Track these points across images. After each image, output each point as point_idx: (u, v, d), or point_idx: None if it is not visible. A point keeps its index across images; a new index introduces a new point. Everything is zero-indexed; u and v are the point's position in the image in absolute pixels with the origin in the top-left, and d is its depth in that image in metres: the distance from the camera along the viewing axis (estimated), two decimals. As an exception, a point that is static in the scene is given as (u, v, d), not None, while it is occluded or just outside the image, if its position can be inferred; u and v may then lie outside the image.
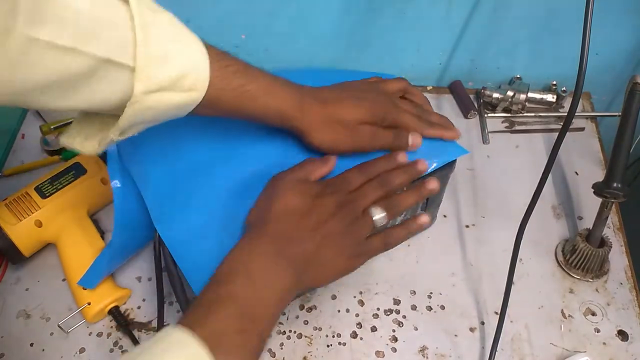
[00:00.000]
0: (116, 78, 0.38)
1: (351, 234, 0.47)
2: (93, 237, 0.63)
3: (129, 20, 0.37)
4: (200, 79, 0.41)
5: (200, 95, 0.42)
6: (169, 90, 0.40)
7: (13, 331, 0.60)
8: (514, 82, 0.81)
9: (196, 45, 0.42)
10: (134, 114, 0.39)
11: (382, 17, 0.74)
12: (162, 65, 0.39)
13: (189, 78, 0.40)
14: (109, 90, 0.38)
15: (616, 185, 0.59)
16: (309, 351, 0.60)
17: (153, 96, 0.39)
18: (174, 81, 0.39)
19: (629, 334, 0.61)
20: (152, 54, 0.38)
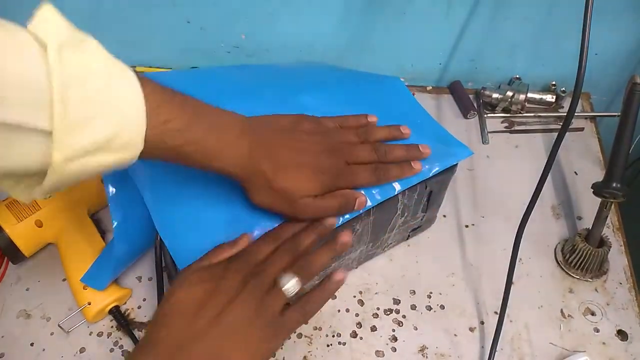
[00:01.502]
0: (30, 144, 0.32)
1: (262, 313, 0.42)
2: (93, 237, 0.63)
3: (44, 76, 0.31)
4: (134, 139, 0.36)
5: (134, 155, 0.37)
6: (96, 154, 0.34)
7: (13, 331, 0.60)
8: (513, 82, 0.81)
9: (131, 95, 0.36)
10: (58, 179, 0.34)
11: (382, 17, 0.74)
12: (86, 129, 0.33)
13: (120, 139, 0.35)
14: (23, 157, 0.33)
15: (615, 185, 0.60)
16: (309, 351, 0.60)
17: (77, 162, 0.34)
18: (101, 145, 0.34)
19: (629, 334, 0.61)
20: (73, 117, 0.32)
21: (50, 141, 0.32)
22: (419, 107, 0.62)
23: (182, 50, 0.79)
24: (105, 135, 0.34)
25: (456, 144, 0.58)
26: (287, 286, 0.43)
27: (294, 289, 0.44)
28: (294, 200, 0.47)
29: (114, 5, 0.72)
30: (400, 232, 0.63)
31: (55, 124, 0.32)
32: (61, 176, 0.34)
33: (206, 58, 0.80)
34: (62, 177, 0.34)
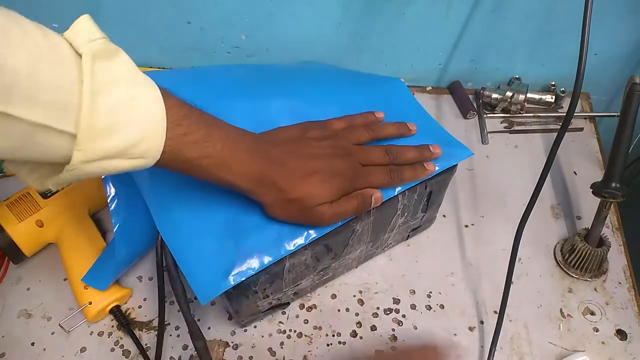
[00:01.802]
0: (53, 142, 0.34)
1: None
2: (94, 237, 0.63)
3: (76, 82, 0.33)
4: (152, 149, 0.38)
5: (150, 163, 0.39)
6: (114, 158, 0.36)
7: (14, 331, 0.60)
8: (513, 83, 0.81)
9: (153, 108, 0.37)
10: (73, 177, 0.36)
11: (382, 17, 0.74)
12: (108, 137, 0.35)
13: (139, 148, 0.37)
14: (44, 152, 0.34)
15: (615, 185, 0.60)
16: (309, 350, 0.60)
17: (94, 164, 0.35)
18: (120, 151, 0.36)
19: (628, 334, 0.61)
20: (98, 125, 0.34)
21: (73, 142, 0.34)
22: (419, 108, 0.62)
23: (182, 50, 0.79)
24: (126, 144, 0.36)
25: (456, 145, 0.58)
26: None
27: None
28: (309, 209, 0.48)
29: (114, 5, 0.72)
30: (400, 232, 0.64)
31: (80, 129, 0.33)
32: (77, 175, 0.36)
33: (206, 58, 0.80)
34: (78, 176, 0.36)
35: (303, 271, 0.56)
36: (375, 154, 0.53)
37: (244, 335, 0.61)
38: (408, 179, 0.54)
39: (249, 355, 0.59)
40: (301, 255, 0.53)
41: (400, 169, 0.53)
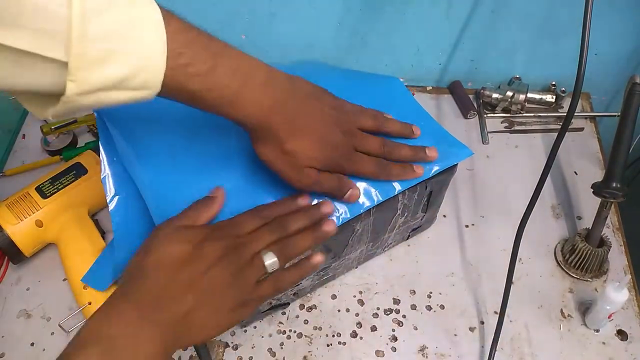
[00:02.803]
0: (45, 70, 0.32)
1: (237, 282, 0.42)
2: (94, 237, 0.63)
3: (64, 6, 0.30)
4: (151, 80, 0.35)
5: (151, 94, 0.36)
6: (111, 90, 0.34)
7: (14, 331, 0.60)
8: (513, 83, 0.81)
9: (153, 35, 0.34)
10: (71, 109, 0.34)
11: (382, 17, 0.74)
12: (103, 66, 0.32)
13: (138, 79, 0.34)
14: (35, 81, 0.32)
15: (615, 185, 0.60)
16: (309, 350, 0.60)
17: (91, 96, 0.33)
18: (117, 82, 0.33)
19: (628, 334, 0.61)
20: (91, 53, 0.32)
21: (65, 71, 0.32)
22: (418, 107, 0.62)
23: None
24: (122, 75, 0.33)
25: (456, 144, 0.58)
26: (267, 263, 0.44)
27: (273, 267, 0.44)
28: (298, 167, 0.47)
29: None
30: (400, 232, 0.63)
31: (71, 57, 0.31)
32: (74, 106, 0.34)
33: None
34: (74, 108, 0.34)
35: (303, 271, 0.56)
36: (372, 144, 0.52)
37: (243, 336, 0.61)
38: (395, 176, 0.53)
39: (248, 356, 0.59)
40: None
41: (389, 164, 0.53)
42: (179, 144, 0.53)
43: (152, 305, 0.39)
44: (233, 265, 0.42)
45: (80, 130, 0.77)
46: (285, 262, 0.45)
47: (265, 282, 0.45)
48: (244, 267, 0.43)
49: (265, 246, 0.45)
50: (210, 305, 0.41)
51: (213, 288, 0.41)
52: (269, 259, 0.44)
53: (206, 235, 0.44)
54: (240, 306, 0.43)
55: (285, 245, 0.46)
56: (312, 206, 0.50)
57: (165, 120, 0.52)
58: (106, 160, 0.51)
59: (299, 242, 0.46)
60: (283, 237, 0.46)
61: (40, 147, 0.76)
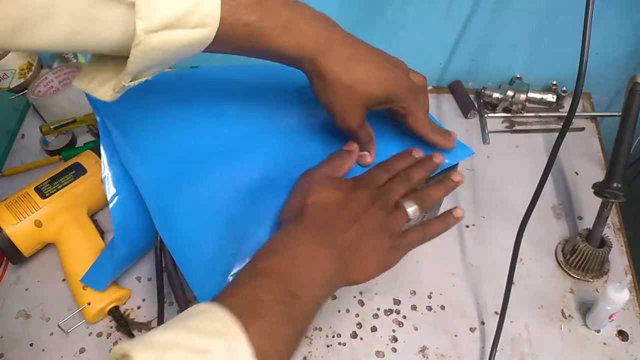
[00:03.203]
0: (114, 16, 0.34)
1: (388, 226, 0.46)
2: (93, 237, 0.63)
3: None
4: (210, 15, 0.37)
5: (211, 32, 0.38)
6: (175, 28, 0.36)
7: (13, 331, 0.60)
8: (514, 82, 0.81)
9: None
10: (141, 56, 0.35)
11: (382, 16, 0.74)
12: (166, 1, 0.35)
13: (197, 14, 0.36)
14: (108, 30, 0.35)
15: (616, 185, 0.59)
16: (309, 351, 0.60)
17: (157, 35, 0.35)
18: (179, 18, 0.35)
19: (629, 334, 0.61)
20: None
21: (131, 13, 0.34)
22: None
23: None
24: (183, 10, 0.35)
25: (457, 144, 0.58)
26: (409, 210, 0.48)
27: (415, 214, 0.48)
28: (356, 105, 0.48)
29: None
30: (401, 232, 0.63)
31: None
32: (144, 50, 0.35)
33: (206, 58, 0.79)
34: (145, 52, 0.35)
35: (303, 272, 0.56)
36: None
37: (243, 336, 0.60)
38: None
39: (248, 356, 0.59)
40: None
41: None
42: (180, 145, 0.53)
43: (328, 231, 0.44)
44: (383, 210, 0.46)
45: (80, 130, 0.77)
46: (424, 210, 0.49)
47: (413, 229, 0.48)
48: (392, 212, 0.47)
49: (400, 197, 0.48)
50: (371, 239, 0.45)
51: (372, 226, 0.45)
52: (409, 206, 0.48)
53: (354, 185, 0.48)
54: (394, 249, 0.47)
55: (420, 194, 0.49)
56: (426, 158, 0.52)
57: (165, 121, 0.52)
58: (106, 160, 0.51)
59: (434, 191, 0.50)
60: (412, 189, 0.50)
61: (40, 147, 0.76)
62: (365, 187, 0.48)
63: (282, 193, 0.51)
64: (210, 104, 0.45)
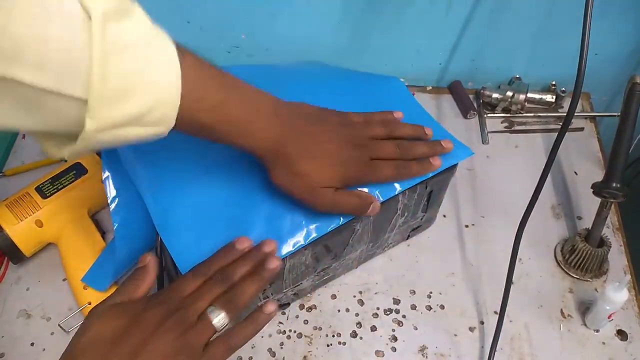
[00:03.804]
0: (64, 108, 0.32)
1: (184, 348, 0.39)
2: (94, 237, 0.63)
3: (86, 46, 0.31)
4: (167, 116, 0.36)
5: (166, 130, 0.37)
6: (128, 126, 0.34)
7: (13, 331, 0.60)
8: (513, 82, 0.81)
9: (169, 72, 0.35)
10: (88, 146, 0.34)
11: (382, 17, 0.74)
12: (121, 103, 0.33)
13: (154, 114, 0.35)
14: (54, 120, 0.33)
15: (615, 185, 0.60)
16: (309, 350, 0.60)
17: (109, 132, 0.34)
18: (134, 119, 0.34)
19: (628, 334, 0.61)
20: (110, 89, 0.32)
21: (84, 108, 0.32)
22: (419, 107, 0.62)
23: (182, 50, 0.79)
24: (139, 110, 0.34)
25: (456, 144, 0.58)
26: (214, 320, 0.41)
27: (222, 323, 0.41)
28: (314, 188, 0.47)
29: None
30: (400, 232, 0.63)
31: (91, 94, 0.32)
32: (91, 144, 0.34)
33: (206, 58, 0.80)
34: (92, 145, 0.34)
35: (303, 271, 0.56)
36: (387, 149, 0.52)
37: (243, 336, 0.60)
38: (414, 174, 0.54)
39: (248, 356, 0.59)
40: (301, 255, 0.53)
41: (407, 164, 0.53)
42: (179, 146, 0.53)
43: None
44: (176, 330, 0.39)
45: (80, 130, 0.77)
46: (235, 315, 0.42)
47: (216, 342, 0.41)
48: (189, 329, 0.40)
49: (209, 302, 0.42)
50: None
51: (158, 356, 0.38)
52: (215, 314, 0.41)
53: (144, 305, 0.41)
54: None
55: (230, 296, 0.43)
56: (253, 248, 0.47)
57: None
58: (107, 161, 0.51)
59: (245, 288, 0.44)
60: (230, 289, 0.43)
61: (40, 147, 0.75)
62: (159, 304, 0.41)
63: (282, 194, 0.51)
64: None
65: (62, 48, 0.31)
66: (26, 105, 0.31)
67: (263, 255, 0.47)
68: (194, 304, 0.42)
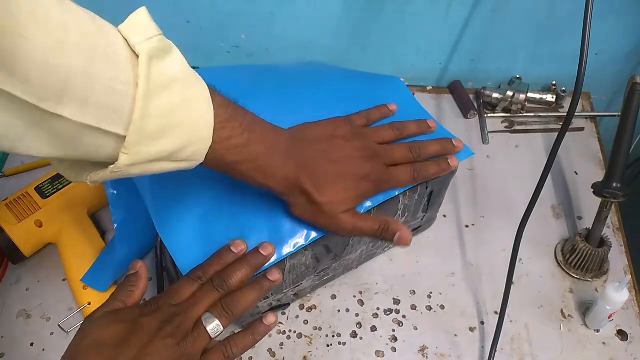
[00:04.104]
0: (100, 143, 0.33)
1: (182, 356, 0.39)
2: (93, 237, 0.63)
3: (131, 84, 0.32)
4: (198, 153, 0.37)
5: (194, 165, 0.38)
6: (160, 161, 0.35)
7: (13, 331, 0.60)
8: (513, 82, 0.81)
9: (204, 110, 0.36)
10: (115, 177, 0.35)
11: (382, 17, 0.74)
12: (157, 140, 0.34)
13: (186, 151, 0.36)
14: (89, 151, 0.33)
15: (616, 185, 0.59)
16: (309, 351, 0.60)
17: (139, 166, 0.35)
18: (168, 155, 0.35)
19: (629, 334, 0.61)
20: (148, 129, 0.33)
21: (120, 143, 0.33)
22: (419, 107, 0.62)
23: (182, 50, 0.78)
24: (174, 148, 0.35)
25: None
26: (209, 328, 0.41)
27: (216, 331, 0.41)
28: (334, 216, 0.48)
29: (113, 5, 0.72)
30: (401, 232, 0.63)
31: (130, 132, 0.32)
32: (120, 175, 0.35)
33: (206, 58, 0.80)
34: (120, 176, 0.35)
35: (303, 272, 0.56)
36: (400, 154, 0.52)
37: (243, 336, 0.60)
38: (432, 175, 0.54)
39: (248, 356, 0.59)
40: (301, 256, 0.53)
41: (424, 166, 0.53)
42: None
43: None
44: (174, 337, 0.40)
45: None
46: (229, 322, 0.42)
47: (213, 350, 0.42)
48: (186, 337, 0.40)
49: (206, 309, 0.42)
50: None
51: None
52: (209, 322, 0.41)
53: (141, 311, 0.42)
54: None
55: (227, 303, 0.43)
56: (251, 252, 0.47)
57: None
58: None
59: (243, 297, 0.43)
60: (226, 295, 0.43)
61: (40, 147, 0.75)
62: (156, 311, 0.41)
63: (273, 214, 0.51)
64: None
65: (107, 85, 0.31)
66: (62, 138, 0.31)
67: (261, 259, 0.47)
68: (190, 310, 0.42)
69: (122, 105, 0.32)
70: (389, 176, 0.51)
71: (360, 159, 0.49)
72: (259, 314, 0.59)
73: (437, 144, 0.55)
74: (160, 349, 0.39)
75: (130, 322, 0.40)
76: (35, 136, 0.31)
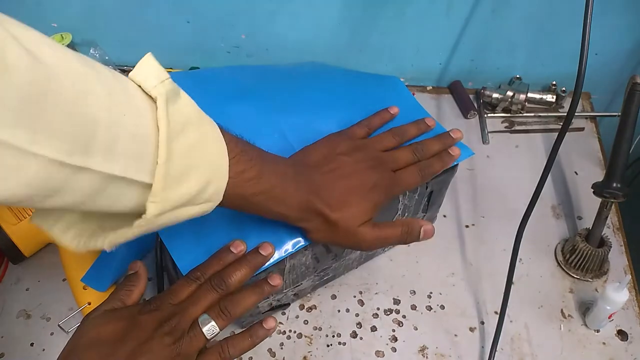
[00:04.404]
0: (125, 194, 0.32)
1: (178, 356, 0.40)
2: (93, 237, 0.63)
3: (152, 130, 0.31)
4: (218, 191, 0.37)
5: (213, 206, 0.37)
6: (185, 206, 0.35)
7: (13, 331, 0.60)
8: (513, 82, 0.81)
9: (218, 147, 0.36)
10: (142, 232, 0.34)
11: (382, 17, 0.74)
12: (182, 183, 0.33)
13: (207, 191, 0.36)
14: (111, 205, 0.32)
15: (616, 185, 0.59)
16: (309, 351, 0.60)
17: (166, 215, 0.34)
18: (192, 198, 0.34)
19: (629, 334, 0.61)
20: (173, 172, 0.33)
21: (145, 192, 0.32)
22: (419, 107, 0.62)
23: (182, 50, 0.79)
24: (197, 188, 0.34)
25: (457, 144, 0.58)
26: (205, 329, 0.41)
27: (212, 332, 0.42)
28: (352, 231, 0.47)
29: (113, 5, 0.72)
30: (401, 232, 0.63)
31: (157, 177, 0.32)
32: (148, 229, 0.34)
33: (206, 58, 0.80)
34: (145, 231, 0.34)
35: (303, 272, 0.56)
36: (404, 157, 0.52)
37: (243, 336, 0.60)
38: (437, 170, 0.54)
39: (248, 356, 0.59)
40: (301, 256, 0.53)
41: (428, 163, 0.53)
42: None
43: None
44: (170, 336, 0.40)
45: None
46: (226, 324, 0.42)
47: (210, 351, 0.42)
48: (182, 336, 0.40)
49: (203, 310, 0.42)
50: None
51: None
52: (206, 323, 0.41)
53: (140, 310, 0.42)
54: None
55: (225, 305, 0.43)
56: (250, 252, 0.47)
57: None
58: None
59: (241, 299, 0.44)
60: (226, 295, 0.44)
61: (40, 147, 0.75)
62: (154, 310, 0.42)
63: None
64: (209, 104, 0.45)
65: (131, 131, 0.30)
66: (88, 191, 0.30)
67: (260, 260, 0.47)
68: (188, 310, 0.42)
69: (146, 151, 0.31)
70: (397, 180, 0.51)
71: (366, 169, 0.49)
72: (259, 314, 0.59)
73: (437, 141, 0.55)
74: (157, 347, 0.39)
75: (128, 320, 0.41)
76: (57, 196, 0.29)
